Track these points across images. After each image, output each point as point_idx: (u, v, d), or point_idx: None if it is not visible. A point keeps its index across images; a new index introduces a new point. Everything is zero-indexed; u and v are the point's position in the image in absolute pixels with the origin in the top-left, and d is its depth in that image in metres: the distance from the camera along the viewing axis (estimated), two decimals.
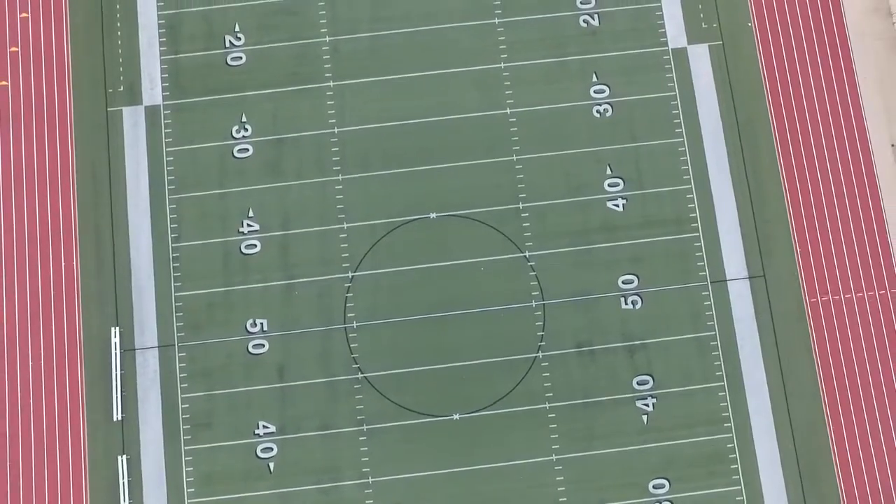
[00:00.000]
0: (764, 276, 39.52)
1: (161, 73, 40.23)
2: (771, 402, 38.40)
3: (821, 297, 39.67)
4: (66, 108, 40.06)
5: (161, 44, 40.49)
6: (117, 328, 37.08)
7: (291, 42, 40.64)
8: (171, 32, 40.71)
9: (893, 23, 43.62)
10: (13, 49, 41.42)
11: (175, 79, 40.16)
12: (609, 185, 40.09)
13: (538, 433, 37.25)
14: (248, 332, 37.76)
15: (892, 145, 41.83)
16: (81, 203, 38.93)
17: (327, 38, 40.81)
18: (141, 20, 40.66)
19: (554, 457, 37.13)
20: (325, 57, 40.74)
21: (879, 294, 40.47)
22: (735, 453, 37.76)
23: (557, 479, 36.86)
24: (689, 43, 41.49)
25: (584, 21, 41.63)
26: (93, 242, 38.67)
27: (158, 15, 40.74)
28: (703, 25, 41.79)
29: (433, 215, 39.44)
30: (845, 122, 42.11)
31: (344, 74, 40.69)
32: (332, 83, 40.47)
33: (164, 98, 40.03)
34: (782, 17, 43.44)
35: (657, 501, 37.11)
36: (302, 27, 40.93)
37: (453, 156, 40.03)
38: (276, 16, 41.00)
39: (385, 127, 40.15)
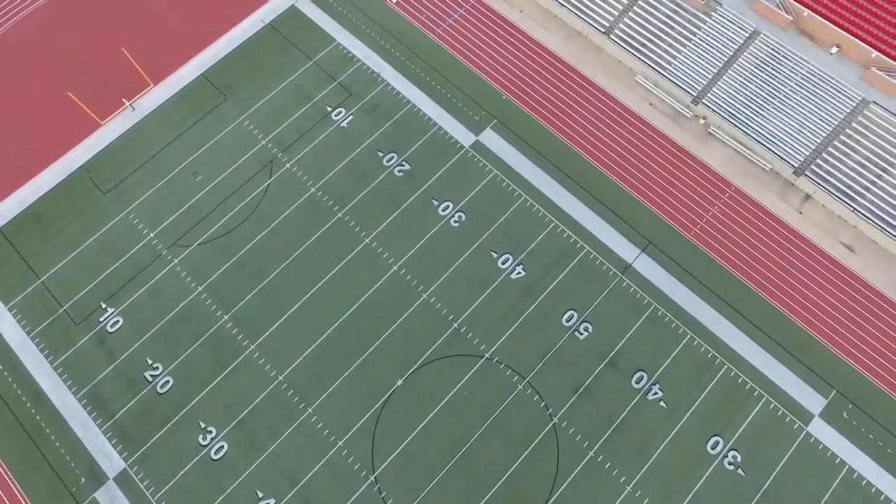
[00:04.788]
0: (650, 242, 41.24)
1: (110, 442, 37.13)
2: (731, 322, 38.82)
3: (695, 228, 41.67)
4: None
5: (94, 419, 37.73)
6: None
7: (200, 340, 39.35)
8: (97, 404, 38.04)
9: (564, 22, 50.22)
10: None
11: (124, 438, 37.18)
12: (503, 263, 40.96)
13: (602, 479, 35.54)
14: None
15: (650, 104, 47.60)
16: None
17: (226, 317, 39.89)
18: (65, 413, 37.66)
19: (628, 488, 35.30)
20: (233, 332, 39.56)
21: (723, 201, 43.84)
22: (742, 376, 37.50)
23: (644, 501, 34.95)
24: (477, 135, 44.65)
25: (399, 171, 43.69)
26: None
27: (77, 399, 37.98)
28: (476, 118, 45.16)
29: (399, 382, 38.17)
30: (607, 108, 45.21)
31: (257, 333, 39.50)
32: (252, 346, 39.10)
33: (125, 459, 36.61)
34: (494, 77, 46.38)
35: (724, 457, 35.80)
36: (200, 323, 39.70)
37: (382, 327, 39.36)
38: (175, 328, 39.50)
39: (317, 347, 39.04)
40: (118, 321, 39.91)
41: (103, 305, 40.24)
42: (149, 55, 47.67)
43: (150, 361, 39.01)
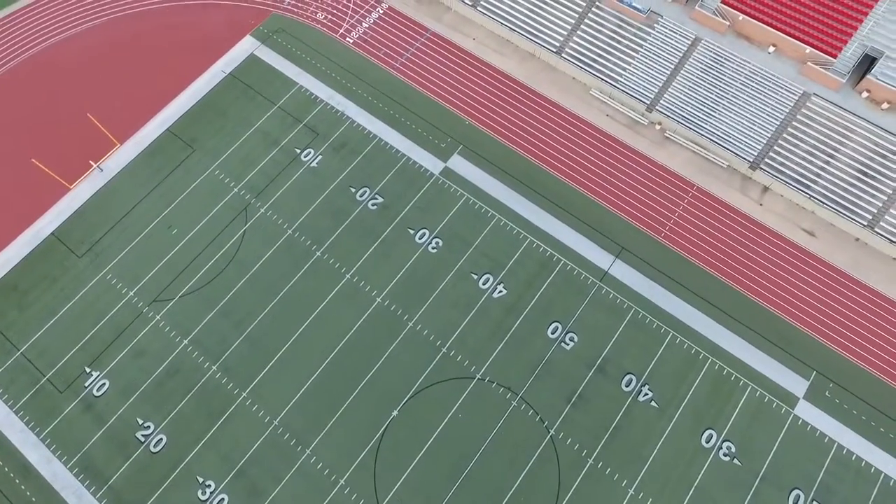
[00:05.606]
0: (623, 248, 42.10)
1: None
2: (709, 317, 39.62)
3: (665, 230, 42.76)
4: None
5: (87, 487, 36.48)
6: None
7: (190, 393, 38.60)
8: (90, 471, 36.82)
9: (517, 46, 52.53)
10: None
11: (121, 503, 35.89)
12: (483, 284, 41.22)
13: (605, 485, 35.57)
14: None
15: (607, 115, 49.05)
16: None
17: (214, 367, 39.23)
18: (56, 485, 36.39)
19: (631, 490, 35.39)
20: (223, 381, 38.94)
21: (688, 200, 44.33)
22: (726, 368, 38.24)
23: (648, 502, 35.00)
24: (445, 161, 45.20)
25: (372, 205, 43.83)
26: None
27: (68, 468, 36.75)
28: (442, 145, 45.73)
29: (395, 413, 37.85)
30: (567, 123, 46.17)
31: (247, 380, 38.89)
32: (244, 394, 38.49)
33: None
34: (456, 105, 47.49)
35: (719, 448, 36.23)
36: (188, 377, 39.00)
37: (371, 360, 39.13)
38: (163, 385, 38.68)
39: (309, 387, 38.59)
40: (104, 384, 39.02)
41: (87, 370, 39.33)
42: (113, 115, 47.48)
43: (140, 421, 38.14)
